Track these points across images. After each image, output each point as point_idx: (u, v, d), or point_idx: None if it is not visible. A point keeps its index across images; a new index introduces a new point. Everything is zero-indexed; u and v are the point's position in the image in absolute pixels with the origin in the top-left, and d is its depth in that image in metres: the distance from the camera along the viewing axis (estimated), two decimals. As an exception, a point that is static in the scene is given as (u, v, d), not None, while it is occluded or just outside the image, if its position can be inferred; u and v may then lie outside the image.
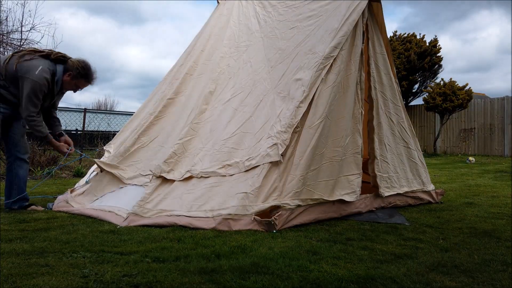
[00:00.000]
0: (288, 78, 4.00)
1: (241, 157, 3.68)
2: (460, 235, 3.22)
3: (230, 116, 4.13)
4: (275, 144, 3.52)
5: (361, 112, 4.00)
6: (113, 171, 4.19)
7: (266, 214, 3.33)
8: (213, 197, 3.47)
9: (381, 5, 4.39)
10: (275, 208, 3.33)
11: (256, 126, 3.89)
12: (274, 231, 3.20)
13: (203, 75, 4.77)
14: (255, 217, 3.25)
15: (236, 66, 4.64)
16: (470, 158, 12.53)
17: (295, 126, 3.57)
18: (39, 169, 7.72)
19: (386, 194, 4.19)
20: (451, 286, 2.14)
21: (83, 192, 4.37)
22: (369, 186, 4.31)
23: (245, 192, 3.37)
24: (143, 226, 3.34)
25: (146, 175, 4.02)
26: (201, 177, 3.68)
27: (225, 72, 4.66)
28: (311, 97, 3.67)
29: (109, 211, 3.73)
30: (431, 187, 4.84)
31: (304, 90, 3.70)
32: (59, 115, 4.49)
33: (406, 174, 4.54)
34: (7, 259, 2.41)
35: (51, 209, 4.16)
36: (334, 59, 3.79)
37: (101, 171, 4.33)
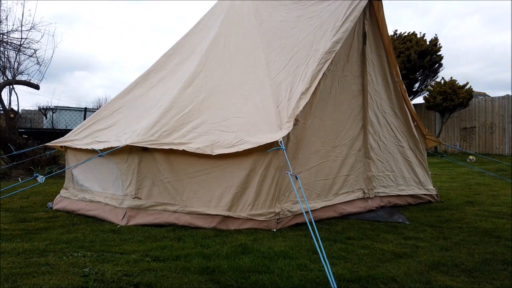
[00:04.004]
0: (289, 72, 3.92)
1: (232, 139, 3.44)
2: (460, 234, 3.22)
3: (223, 102, 3.92)
4: (280, 130, 3.31)
5: (358, 111, 4.00)
6: (87, 146, 3.91)
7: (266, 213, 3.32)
8: (210, 190, 3.36)
9: (381, 4, 4.36)
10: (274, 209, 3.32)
11: (252, 115, 3.68)
12: (274, 230, 3.20)
13: (202, 67, 4.62)
14: (255, 217, 3.25)
15: (235, 60, 4.54)
16: (471, 157, 12.50)
17: (295, 116, 3.43)
18: (39, 168, 7.72)
19: (382, 193, 4.19)
20: (451, 285, 2.14)
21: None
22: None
23: (244, 189, 3.34)
24: (143, 225, 3.34)
25: (118, 141, 3.70)
26: (189, 152, 3.40)
27: (224, 63, 4.49)
28: (312, 90, 3.54)
29: (97, 201, 3.69)
30: (431, 186, 4.83)
31: (305, 84, 3.60)
32: (59, 114, 4.45)
33: (402, 173, 4.53)
34: (8, 258, 2.42)
35: (51, 208, 4.16)
36: (334, 58, 3.77)
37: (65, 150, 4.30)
